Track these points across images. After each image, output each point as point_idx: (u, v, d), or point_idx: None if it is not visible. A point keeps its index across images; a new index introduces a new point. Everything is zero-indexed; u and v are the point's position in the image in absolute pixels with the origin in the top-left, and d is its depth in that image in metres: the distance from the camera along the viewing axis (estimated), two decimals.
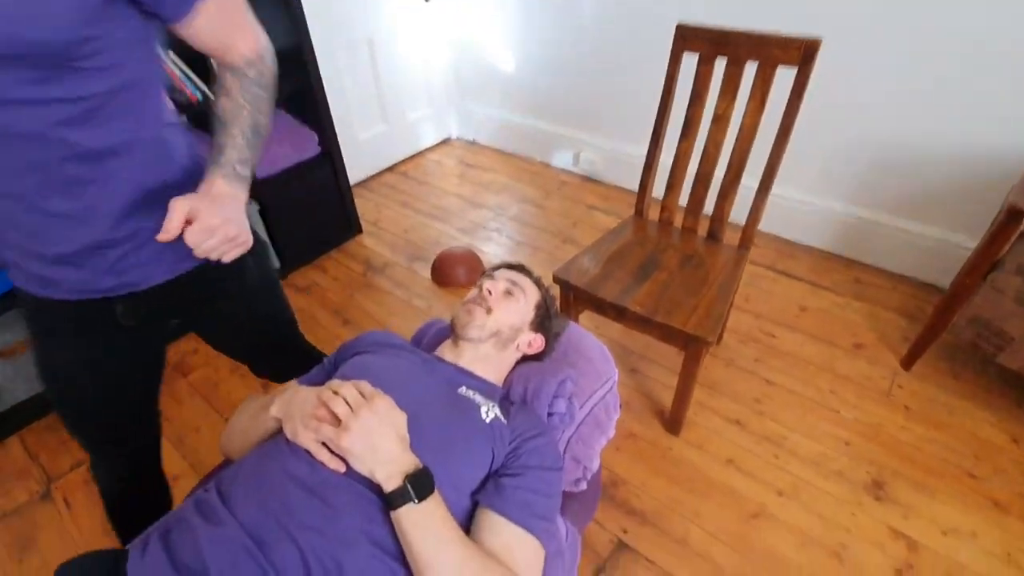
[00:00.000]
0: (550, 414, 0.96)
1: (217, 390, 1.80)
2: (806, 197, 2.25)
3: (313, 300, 2.16)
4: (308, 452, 0.72)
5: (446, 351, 0.98)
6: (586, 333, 1.19)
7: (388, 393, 0.76)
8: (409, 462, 0.70)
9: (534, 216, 2.63)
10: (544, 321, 1.06)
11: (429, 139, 3.30)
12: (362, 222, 2.57)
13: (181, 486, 1.50)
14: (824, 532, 1.34)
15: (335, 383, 0.76)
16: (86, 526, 1.46)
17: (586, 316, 1.77)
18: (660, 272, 1.49)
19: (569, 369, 1.04)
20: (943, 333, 1.61)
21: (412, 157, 3.22)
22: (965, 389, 1.67)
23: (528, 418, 0.89)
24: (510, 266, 1.11)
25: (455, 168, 3.10)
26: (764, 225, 2.35)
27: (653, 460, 1.52)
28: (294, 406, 0.77)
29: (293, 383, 0.97)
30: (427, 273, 2.28)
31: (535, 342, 1.04)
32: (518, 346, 1.02)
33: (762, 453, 1.52)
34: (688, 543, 1.33)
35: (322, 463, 0.71)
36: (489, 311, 0.97)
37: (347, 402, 0.72)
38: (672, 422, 1.57)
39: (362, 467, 0.69)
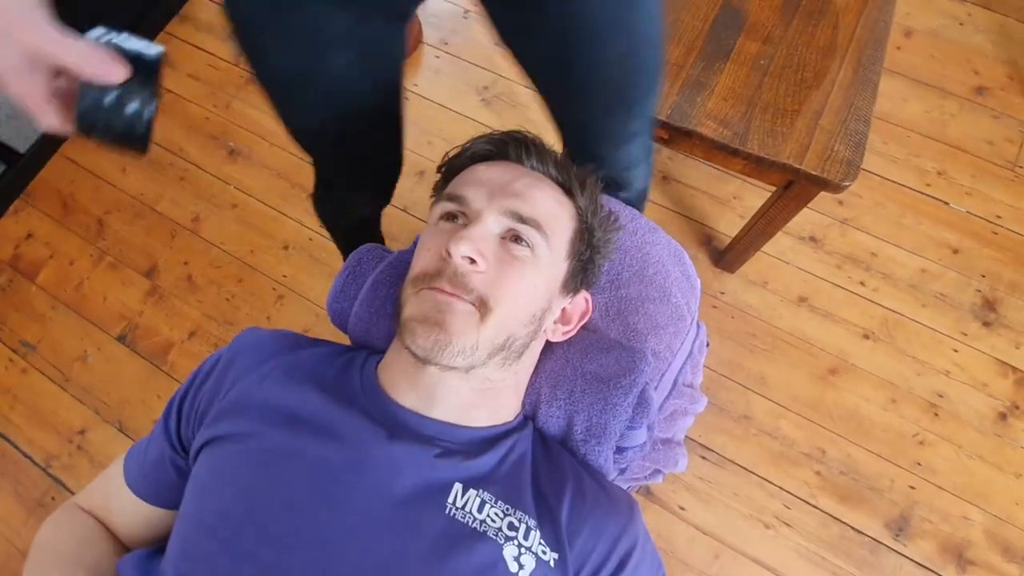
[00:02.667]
0: (620, 449, 0.52)
1: (83, 293, 1.26)
2: None
3: (170, 121, 1.40)
4: None
5: (401, 386, 0.47)
6: (649, 225, 0.64)
7: None
8: None
9: None
10: (588, 264, 0.51)
11: None
12: None
13: (92, 440, 1.13)
14: (918, 380, 1.08)
15: None
16: None
17: None
18: (748, 40, 0.82)
19: (637, 339, 0.55)
20: None
21: None
22: None
23: (592, 512, 0.45)
24: (492, 151, 0.50)
25: None
26: None
27: (701, 311, 1.15)
28: None
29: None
30: None
31: (574, 312, 0.52)
32: (544, 332, 0.50)
33: (844, 281, 1.15)
34: (752, 418, 1.07)
35: None
36: (481, 307, 0.43)
37: None
38: (729, 258, 1.14)
39: None
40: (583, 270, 0.50)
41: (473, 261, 0.43)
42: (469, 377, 0.45)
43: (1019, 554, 0.97)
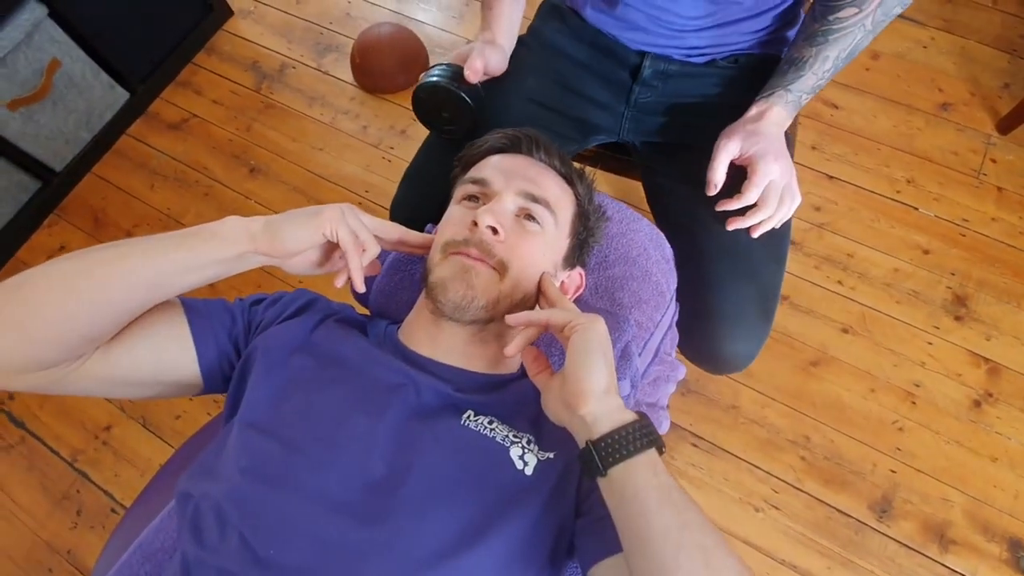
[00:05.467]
0: None
1: None
2: None
3: (196, 142, 1.52)
4: None
5: (419, 338, 0.55)
6: (633, 216, 0.73)
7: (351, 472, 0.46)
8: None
9: None
10: (584, 244, 0.60)
11: None
12: None
13: (117, 435, 1.20)
14: (895, 371, 1.14)
15: None
16: None
17: None
18: None
19: (622, 312, 0.63)
20: None
21: None
22: None
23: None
24: (508, 144, 0.59)
25: None
26: None
27: None
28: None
29: None
30: (348, 73, 1.58)
31: (571, 284, 0.61)
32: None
33: (823, 281, 1.23)
34: (740, 408, 1.14)
35: None
36: (501, 269, 0.52)
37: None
38: None
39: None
40: (580, 248, 0.59)
41: (495, 232, 0.51)
42: (484, 331, 0.53)
43: (998, 533, 1.02)
